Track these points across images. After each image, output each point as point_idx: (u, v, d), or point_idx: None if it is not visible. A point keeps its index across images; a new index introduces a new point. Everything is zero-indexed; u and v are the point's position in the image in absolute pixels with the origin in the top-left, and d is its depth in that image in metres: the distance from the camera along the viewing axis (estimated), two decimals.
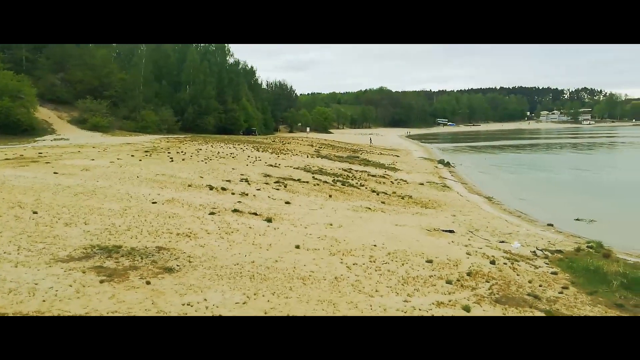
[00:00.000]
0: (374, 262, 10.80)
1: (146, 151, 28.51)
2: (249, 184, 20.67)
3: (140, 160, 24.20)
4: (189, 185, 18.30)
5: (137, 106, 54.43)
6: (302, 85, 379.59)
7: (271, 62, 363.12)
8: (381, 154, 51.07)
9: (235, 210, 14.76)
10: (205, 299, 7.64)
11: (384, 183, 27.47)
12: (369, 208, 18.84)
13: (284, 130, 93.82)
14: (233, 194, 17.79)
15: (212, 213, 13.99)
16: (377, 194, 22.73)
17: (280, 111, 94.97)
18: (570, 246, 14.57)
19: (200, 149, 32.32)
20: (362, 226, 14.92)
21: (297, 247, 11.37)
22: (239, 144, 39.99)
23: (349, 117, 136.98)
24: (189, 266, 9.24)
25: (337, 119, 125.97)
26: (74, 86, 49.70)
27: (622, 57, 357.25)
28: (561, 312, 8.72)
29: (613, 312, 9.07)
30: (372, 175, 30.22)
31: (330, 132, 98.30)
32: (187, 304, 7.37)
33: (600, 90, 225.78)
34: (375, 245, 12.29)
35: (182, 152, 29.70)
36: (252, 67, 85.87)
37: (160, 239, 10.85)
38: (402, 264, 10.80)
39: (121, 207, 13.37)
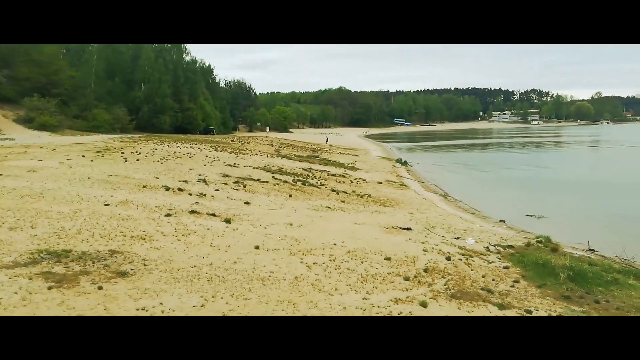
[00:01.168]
0: (334, 260, 10.86)
1: (98, 151, 27.46)
2: (207, 184, 20.31)
3: (91, 160, 23.28)
4: (144, 186, 17.77)
5: (88, 105, 52.36)
6: (262, 84, 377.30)
7: (229, 61, 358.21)
8: (341, 153, 51.46)
9: (192, 212, 14.46)
10: (160, 303, 7.43)
11: (343, 182, 27.69)
12: (329, 207, 18.94)
13: (243, 129, 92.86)
14: (190, 194, 17.42)
15: (168, 214, 13.64)
16: (337, 193, 22.88)
17: (239, 110, 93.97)
18: (521, 241, 15.19)
19: (156, 149, 31.46)
20: (322, 225, 14.98)
21: (257, 247, 11.26)
22: (196, 144, 39.22)
23: (309, 117, 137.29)
24: (144, 270, 8.96)
25: (297, 118, 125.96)
26: (19, 83, 47.17)
27: (568, 60, 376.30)
28: (513, 304, 9.07)
29: (560, 304, 9.52)
30: (332, 175, 30.40)
31: (290, 132, 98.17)
32: (142, 309, 7.14)
33: (548, 92, 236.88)
34: (335, 244, 12.36)
35: (136, 152, 28.80)
36: (209, 66, 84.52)
37: (113, 242, 10.47)
38: (362, 262, 10.92)
39: (71, 209, 12.80)
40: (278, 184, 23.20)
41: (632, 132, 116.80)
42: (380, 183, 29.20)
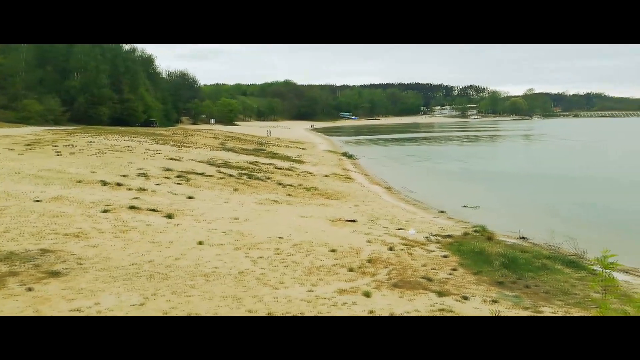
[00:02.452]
0: (280, 254, 10.86)
1: (28, 144, 25.74)
2: (147, 178, 19.60)
3: (20, 154, 21.80)
4: (79, 181, 16.88)
5: (17, 94, 48.86)
6: (206, 75, 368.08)
7: (172, 50, 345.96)
8: (288, 146, 51.34)
9: (132, 207, 13.92)
10: (96, 303, 7.11)
11: (290, 175, 27.67)
12: (276, 201, 18.87)
13: (186, 122, 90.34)
14: (130, 189, 16.75)
15: (105, 211, 13.05)
16: (284, 187, 22.84)
17: (183, 102, 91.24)
18: (459, 231, 15.86)
19: (93, 142, 29.94)
20: (268, 219, 14.91)
21: (200, 243, 11.04)
22: (136, 136, 37.70)
23: (256, 110, 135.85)
24: (79, 269, 8.54)
25: (243, 111, 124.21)
26: None
27: (504, 58, 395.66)
28: (451, 292, 9.48)
29: (494, 289, 10.05)
30: (279, 168, 30.28)
31: (236, 125, 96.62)
32: (76, 310, 6.81)
33: (485, 88, 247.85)
34: (281, 238, 12.35)
35: (71, 145, 27.26)
36: (150, 55, 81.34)
37: (44, 240, 9.89)
38: (307, 255, 10.99)
39: None
40: (223, 178, 22.80)
41: (560, 127, 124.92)
42: (327, 176, 29.44)
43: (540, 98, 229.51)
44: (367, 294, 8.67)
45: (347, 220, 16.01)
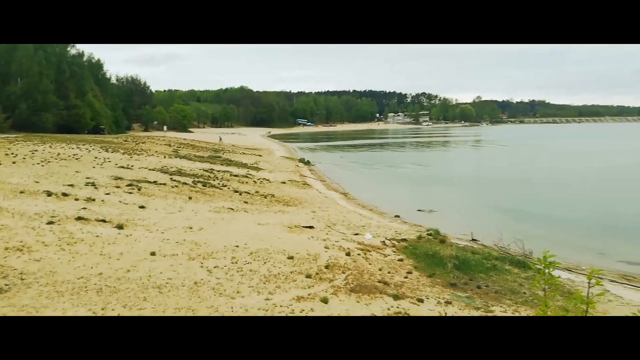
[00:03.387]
0: (236, 263, 10.70)
1: None
2: (96, 188, 18.81)
3: None
4: (22, 192, 15.98)
5: None
6: (158, 81, 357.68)
7: (122, 55, 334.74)
8: (244, 153, 50.82)
9: (79, 218, 13.31)
10: None
11: (246, 183, 27.38)
12: (232, 209, 18.60)
13: (138, 129, 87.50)
14: (77, 199, 16.02)
15: (50, 222, 12.41)
16: (240, 194, 22.56)
17: (134, 109, 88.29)
18: (413, 234, 16.22)
19: (36, 150, 28.44)
20: (224, 227, 14.67)
21: (153, 254, 10.70)
22: (84, 144, 36.15)
23: (210, 116, 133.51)
24: (21, 284, 8.06)
25: (197, 117, 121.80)
26: None
27: (454, 66, 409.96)
28: (406, 294, 9.66)
29: (448, 291, 10.34)
30: (235, 175, 29.90)
31: (190, 132, 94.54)
32: None
33: (436, 95, 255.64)
34: (237, 246, 12.18)
35: (12, 154, 25.79)
36: (98, 60, 78.28)
37: None
38: (265, 263, 10.89)
39: None
40: (177, 186, 22.25)
41: (506, 133, 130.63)
42: (284, 183, 29.36)
43: (488, 105, 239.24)
44: (324, 300, 8.69)
45: (305, 227, 16.01)
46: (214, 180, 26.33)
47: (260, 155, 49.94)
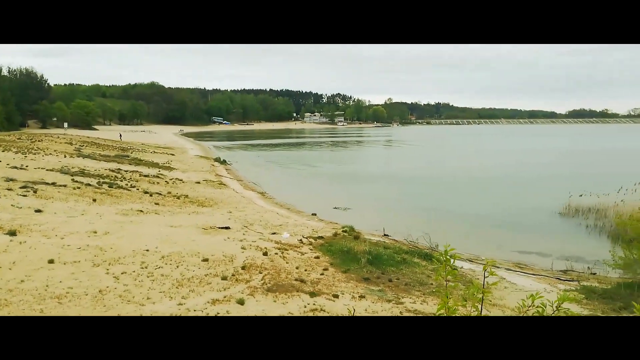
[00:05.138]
0: (146, 268, 10.18)
1: None
2: None
3: None
4: None
5: None
6: (58, 74, 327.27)
7: (13, 45, 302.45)
8: (155, 152, 48.47)
9: None
10: None
11: (158, 183, 26.14)
12: (141, 211, 17.66)
13: (34, 126, 79.94)
14: None
15: None
16: (151, 195, 21.49)
17: (29, 104, 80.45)
18: (329, 232, 16.54)
19: None
20: (133, 231, 13.87)
21: (51, 261, 9.83)
22: None
23: (117, 113, 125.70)
24: None
25: (102, 114, 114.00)
26: None
27: (366, 69, 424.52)
28: (323, 291, 9.82)
29: (362, 285, 10.68)
30: (145, 176, 28.42)
31: (95, 129, 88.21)
32: None
33: (350, 96, 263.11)
34: (147, 250, 11.58)
35: None
36: None
37: None
38: (177, 266, 10.48)
39: None
40: (79, 188, 20.65)
41: (415, 133, 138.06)
42: (199, 183, 28.46)
43: (398, 107, 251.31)
44: (240, 302, 8.56)
45: (220, 228, 15.66)
46: (121, 180, 24.82)
47: (172, 155, 47.96)
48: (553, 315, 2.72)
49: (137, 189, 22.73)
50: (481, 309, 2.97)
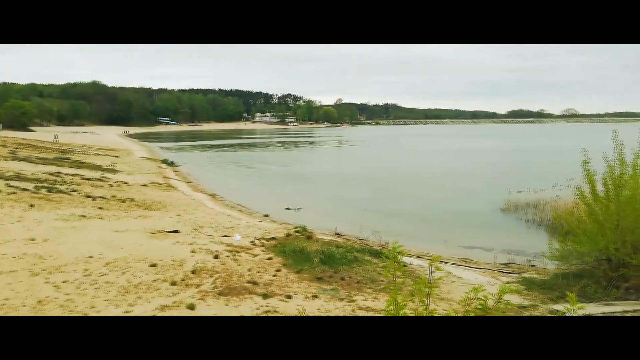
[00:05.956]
0: (90, 275, 9.74)
1: None
2: None
3: None
4: None
5: None
6: None
7: None
8: (98, 154, 46.38)
9: None
10: None
11: (101, 187, 25.04)
12: (84, 216, 16.85)
13: None
14: None
15: None
16: (94, 199, 20.55)
17: None
18: (282, 233, 16.50)
19: None
20: (74, 237, 13.22)
21: None
22: None
23: (56, 113, 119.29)
24: None
25: (39, 114, 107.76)
26: None
27: (317, 70, 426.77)
28: (275, 292, 9.79)
29: (315, 285, 10.73)
30: (87, 179, 27.12)
31: (32, 130, 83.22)
32: None
33: (301, 97, 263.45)
34: (91, 257, 11.09)
35: None
36: None
37: None
38: (123, 273, 10.10)
39: None
40: (14, 193, 19.41)
41: (365, 134, 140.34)
42: (145, 185, 27.52)
43: (348, 107, 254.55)
44: (191, 307, 8.37)
45: (169, 232, 15.23)
46: (61, 184, 23.57)
47: (117, 157, 46.10)
48: (493, 307, 2.88)
49: (79, 193, 21.67)
50: (428, 304, 3.07)
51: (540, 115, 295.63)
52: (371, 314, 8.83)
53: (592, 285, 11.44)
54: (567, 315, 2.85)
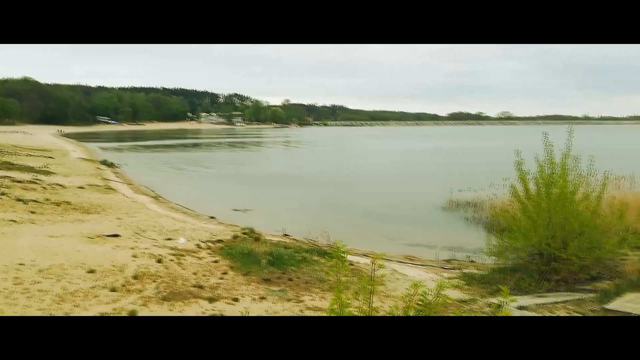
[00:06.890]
0: (21, 284, 9.13)
1: None
2: None
3: None
4: None
5: None
6: None
7: None
8: (30, 155, 43.55)
9: None
10: None
11: (34, 189, 23.53)
12: (14, 221, 15.77)
13: None
14: None
15: None
16: (25, 203, 19.27)
17: None
18: (229, 235, 16.25)
19: None
20: (4, 244, 12.34)
21: None
22: None
23: None
24: None
25: None
26: None
27: (265, 71, 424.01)
28: (222, 296, 9.62)
29: (262, 287, 10.66)
30: (18, 181, 25.39)
31: None
32: None
33: (248, 97, 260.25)
34: (22, 264, 10.39)
35: None
36: None
37: None
38: (58, 280, 9.55)
39: None
40: None
41: (313, 134, 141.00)
42: (83, 188, 26.17)
43: (296, 108, 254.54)
44: (133, 313, 8.06)
45: (109, 236, 14.57)
46: None
47: (51, 157, 43.53)
48: (433, 301, 3.01)
49: (9, 197, 20.25)
50: (371, 301, 3.14)
51: (478, 118, 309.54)
52: (319, 313, 8.89)
53: (527, 278, 12.13)
54: (496, 315, 2.98)
